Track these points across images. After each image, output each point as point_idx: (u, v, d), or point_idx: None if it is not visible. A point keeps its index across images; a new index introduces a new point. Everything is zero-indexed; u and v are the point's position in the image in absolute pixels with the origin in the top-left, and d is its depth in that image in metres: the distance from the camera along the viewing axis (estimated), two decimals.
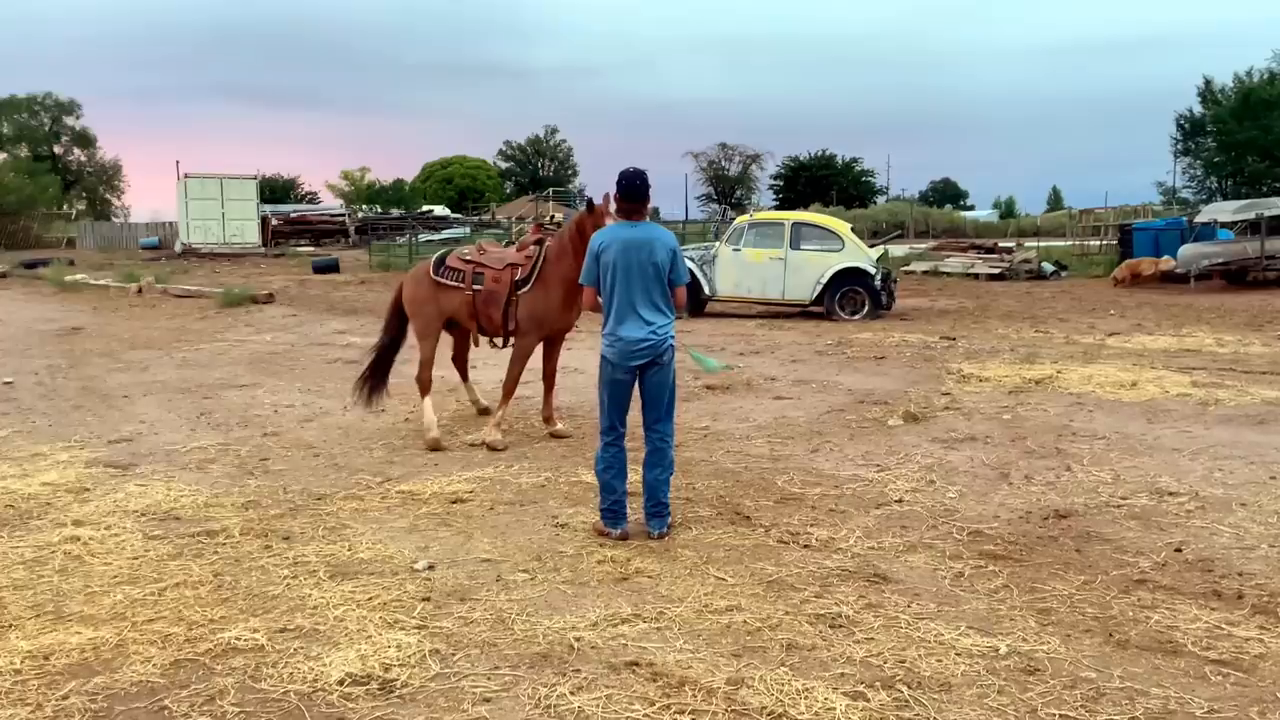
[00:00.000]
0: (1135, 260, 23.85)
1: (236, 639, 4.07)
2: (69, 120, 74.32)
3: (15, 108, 71.04)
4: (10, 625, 4.26)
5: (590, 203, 7.23)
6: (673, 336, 5.49)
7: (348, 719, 3.48)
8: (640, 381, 5.49)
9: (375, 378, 8.23)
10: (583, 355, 12.20)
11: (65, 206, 63.52)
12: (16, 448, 7.59)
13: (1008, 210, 78.93)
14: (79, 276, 26.52)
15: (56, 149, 73.42)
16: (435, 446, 7.48)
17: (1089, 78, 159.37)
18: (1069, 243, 35.62)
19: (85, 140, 75.44)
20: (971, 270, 27.18)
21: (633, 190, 5.53)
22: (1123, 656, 3.93)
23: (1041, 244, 35.19)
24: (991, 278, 26.19)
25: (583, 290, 5.76)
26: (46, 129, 73.73)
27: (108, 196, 77.01)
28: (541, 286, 7.65)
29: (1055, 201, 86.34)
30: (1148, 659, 3.90)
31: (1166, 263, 22.60)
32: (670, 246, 5.50)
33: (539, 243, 7.91)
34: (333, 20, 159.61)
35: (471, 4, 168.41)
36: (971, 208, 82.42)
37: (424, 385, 7.91)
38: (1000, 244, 32.20)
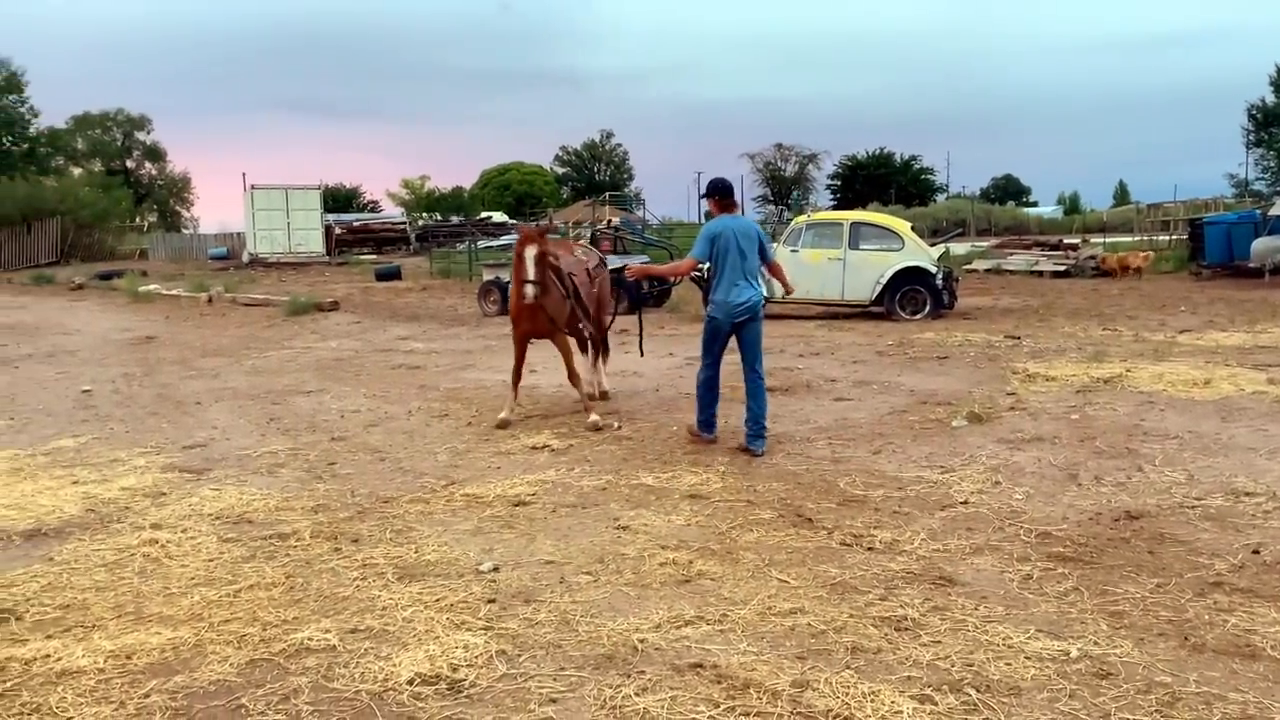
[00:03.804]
0: (1125, 254, 25.50)
1: (309, 639, 4.17)
2: (140, 135, 76.69)
3: (89, 124, 73.45)
4: (93, 626, 4.41)
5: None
6: (763, 299, 7.45)
7: (418, 718, 3.55)
8: (739, 335, 7.36)
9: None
10: (642, 359, 12.25)
11: (138, 219, 65.36)
12: (96, 454, 7.85)
13: (1072, 206, 77.38)
14: (152, 287, 27.29)
15: (129, 163, 75.74)
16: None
17: (1155, 69, 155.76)
18: (1137, 238, 34.79)
19: (156, 154, 77.75)
20: (1035, 268, 26.69)
21: (728, 191, 7.66)
22: (1199, 660, 3.84)
23: (1108, 240, 34.42)
24: (1056, 275, 25.69)
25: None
26: (119, 144, 76.13)
27: (178, 209, 79.28)
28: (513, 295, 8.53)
29: (1122, 196, 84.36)
30: (1225, 663, 3.81)
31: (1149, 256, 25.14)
32: (760, 233, 7.59)
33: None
34: (390, 32, 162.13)
35: (525, 12, 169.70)
36: (1035, 204, 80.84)
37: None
38: (1065, 240, 31.57)
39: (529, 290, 8.04)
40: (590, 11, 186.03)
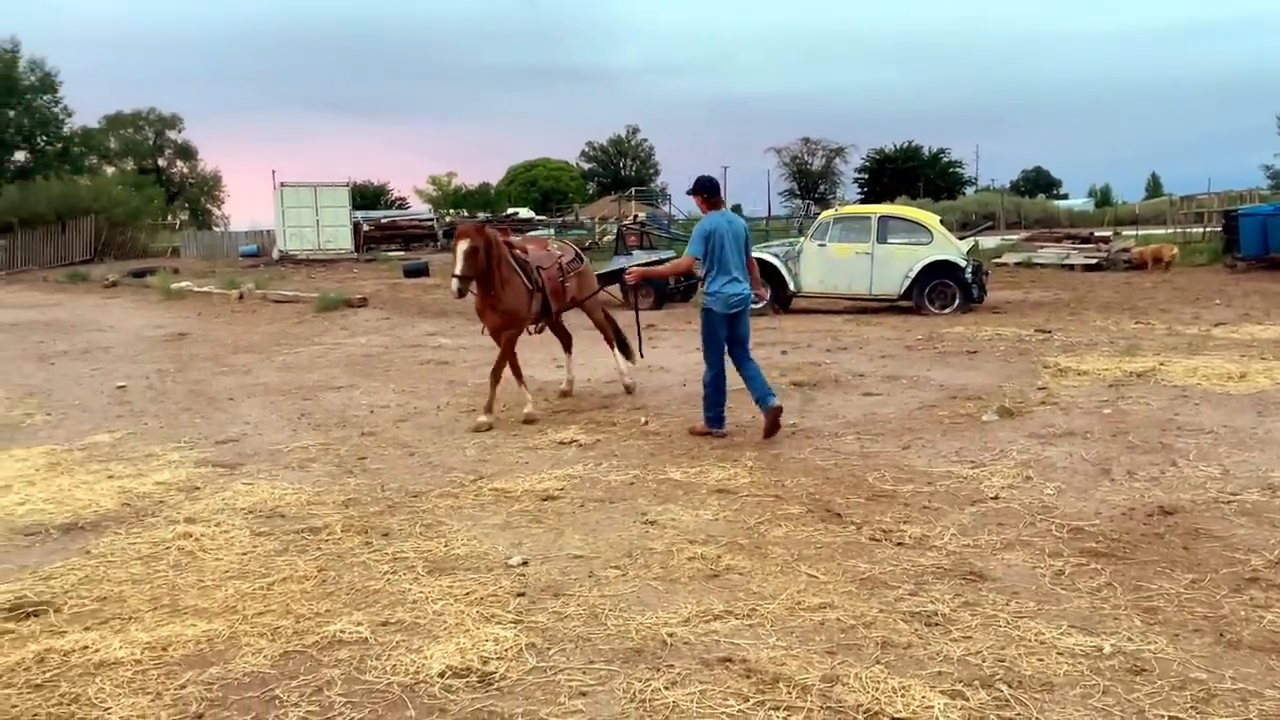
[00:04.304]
0: (1157, 246, 25.58)
1: (341, 632, 4.21)
2: (171, 134, 77.54)
3: (122, 123, 74.35)
4: (130, 618, 4.47)
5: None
6: (751, 294, 7.82)
7: (449, 710, 3.57)
8: (732, 327, 7.69)
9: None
10: (668, 354, 12.24)
11: (169, 217, 66.14)
12: (131, 448, 7.95)
13: (1103, 198, 76.53)
14: (184, 284, 27.59)
15: (160, 162, 76.59)
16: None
17: (1187, 59, 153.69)
18: (1170, 230, 34.33)
19: (187, 153, 78.59)
20: (1066, 261, 26.39)
21: (716, 188, 7.90)
22: (1235, 657, 3.79)
23: (1140, 232, 33.98)
24: (1088, 268, 25.39)
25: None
26: (151, 143, 77.00)
27: (209, 206, 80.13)
28: None
29: (1154, 188, 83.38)
30: (1261, 660, 3.76)
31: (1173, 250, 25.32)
32: (746, 230, 7.94)
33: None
34: (419, 29, 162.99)
35: (551, 8, 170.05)
36: (1065, 197, 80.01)
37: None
38: (1096, 233, 31.20)
39: (454, 284, 8.11)
40: (618, 7, 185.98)
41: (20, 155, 55.20)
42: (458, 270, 8.07)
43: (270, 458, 7.55)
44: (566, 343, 9.89)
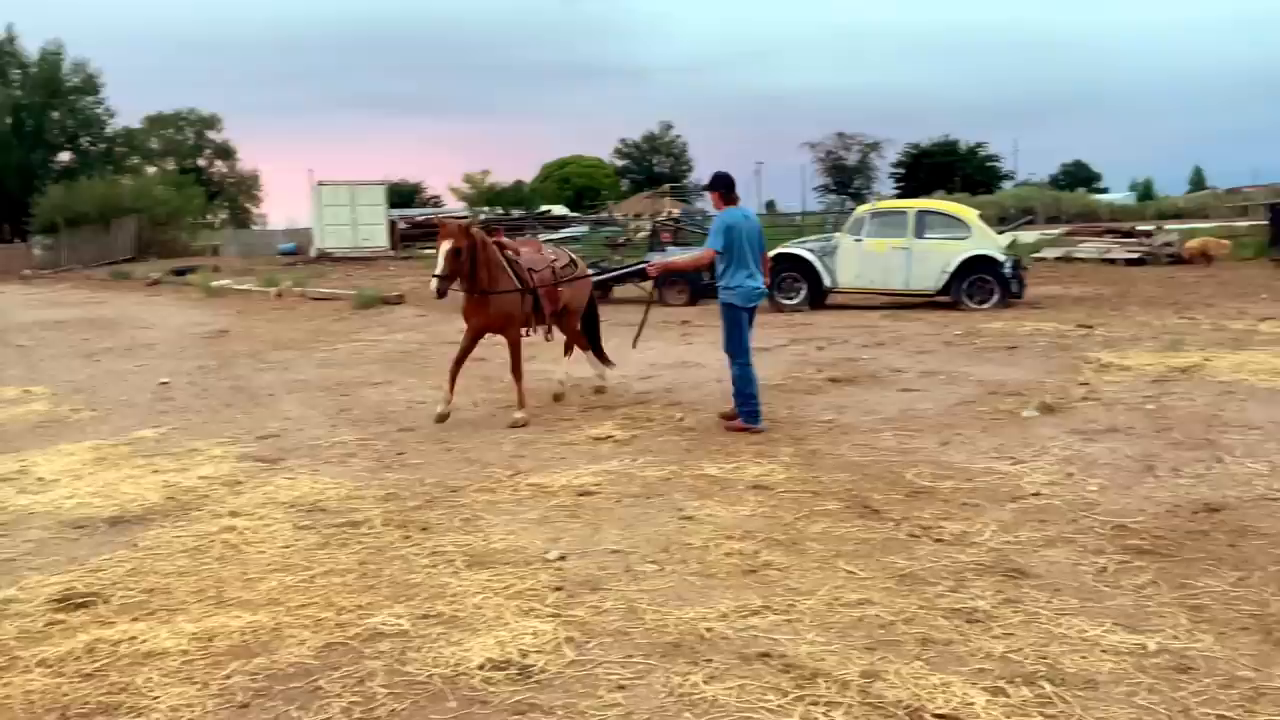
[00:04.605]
0: (1206, 239, 25.23)
1: (382, 624, 4.26)
2: (211, 134, 78.54)
3: (163, 124, 75.42)
4: (177, 609, 4.55)
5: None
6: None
7: (490, 702, 3.60)
8: (748, 318, 7.87)
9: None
10: (702, 350, 12.23)
11: (209, 216, 67.07)
12: (175, 444, 8.08)
13: (1145, 192, 75.23)
14: (224, 282, 27.98)
15: (200, 161, 77.60)
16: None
17: (1231, 49, 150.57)
18: (1214, 224, 33.74)
19: (226, 152, 79.55)
20: (1108, 255, 26.02)
21: (733, 184, 7.95)
22: None
23: (1184, 226, 33.42)
24: (1129, 263, 25.01)
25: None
26: (191, 143, 78.02)
27: (247, 205, 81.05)
28: None
29: (1197, 181, 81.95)
30: None
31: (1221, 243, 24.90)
32: (760, 227, 8.06)
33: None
34: (453, 28, 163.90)
35: (586, 5, 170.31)
36: (1106, 191, 78.91)
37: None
38: (1138, 227, 30.74)
39: (433, 284, 8.03)
40: (651, 3, 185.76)
41: (64, 156, 56.23)
42: (438, 270, 7.99)
43: (311, 453, 7.64)
44: (580, 345, 9.66)
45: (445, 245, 7.99)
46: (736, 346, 7.77)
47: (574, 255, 10.02)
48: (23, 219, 50.73)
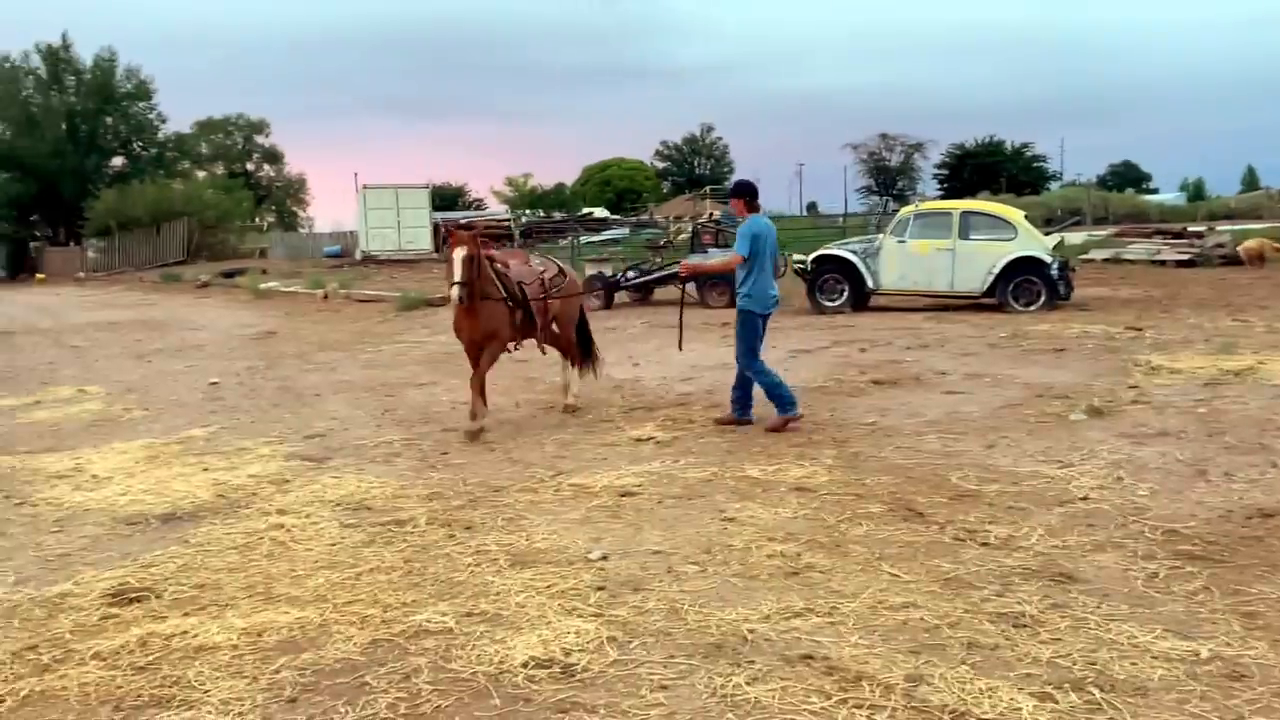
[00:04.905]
0: (1260, 241, 24.34)
1: (427, 621, 4.30)
2: (259, 138, 79.85)
3: (213, 129, 76.83)
4: (227, 605, 4.64)
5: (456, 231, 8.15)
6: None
7: (533, 700, 3.62)
8: (763, 324, 8.05)
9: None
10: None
11: (257, 219, 68.12)
12: (225, 443, 8.23)
13: (1196, 193, 73.71)
14: (271, 284, 28.42)
15: (249, 166, 78.90)
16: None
17: None
18: (1267, 225, 32.98)
19: (274, 157, 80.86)
20: (1157, 257, 25.52)
21: (756, 193, 8.16)
22: None
23: (1236, 227, 32.72)
24: (1180, 264, 24.50)
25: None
26: (240, 147, 79.42)
27: (294, 209, 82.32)
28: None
29: (1250, 181, 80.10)
30: None
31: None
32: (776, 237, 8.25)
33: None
34: (495, 31, 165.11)
35: (626, 7, 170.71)
36: (1155, 191, 77.43)
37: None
38: (1189, 228, 30.14)
39: (455, 292, 7.73)
40: (690, 3, 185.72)
41: (117, 160, 57.35)
42: (459, 278, 7.72)
43: (356, 452, 7.74)
44: (573, 357, 9.29)
45: (460, 253, 7.80)
46: (750, 351, 7.90)
47: (562, 264, 9.74)
48: (77, 223, 51.92)
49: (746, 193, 8.10)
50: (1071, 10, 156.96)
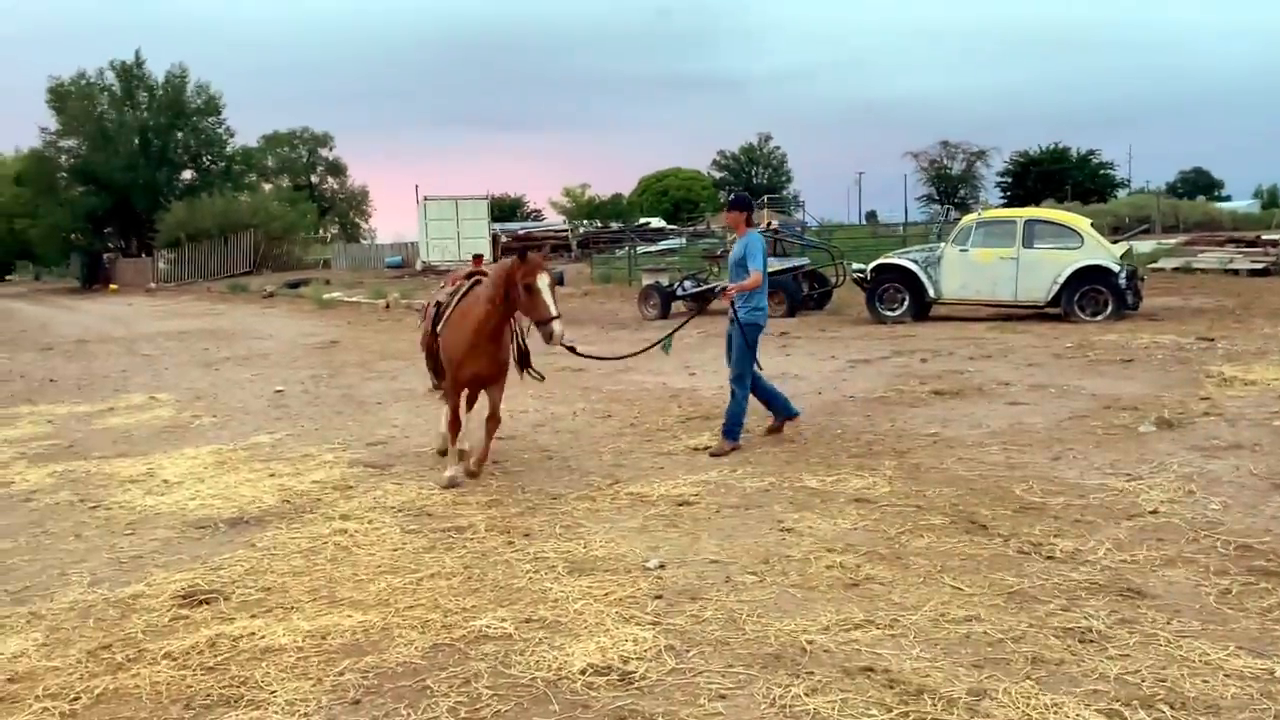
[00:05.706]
0: None
1: (487, 627, 4.35)
2: (323, 151, 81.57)
3: (279, 142, 78.74)
4: (292, 608, 4.73)
5: (524, 253, 6.63)
6: None
7: (591, 706, 3.64)
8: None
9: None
10: (802, 362, 12.13)
11: (321, 231, 69.55)
12: (290, 449, 8.40)
13: (1271, 200, 71.63)
14: (334, 294, 28.96)
15: (313, 178, 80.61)
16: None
17: None
18: None
19: (337, 169, 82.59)
20: (1230, 266, 24.84)
21: (753, 207, 8.36)
22: None
23: None
24: (1254, 273, 23.84)
25: None
26: (304, 160, 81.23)
27: (357, 220, 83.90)
28: (450, 328, 7.05)
29: None
30: None
31: None
32: None
33: (471, 278, 7.28)
34: (551, 42, 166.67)
35: (684, 17, 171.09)
36: (1228, 198, 75.25)
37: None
38: (1263, 236, 29.27)
39: (557, 328, 6.42)
40: (748, 12, 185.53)
41: (187, 174, 59.01)
42: (555, 311, 6.45)
43: (417, 459, 7.84)
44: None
45: (546, 279, 6.55)
46: (749, 366, 7.75)
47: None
48: (148, 234, 53.50)
49: (749, 207, 8.07)
50: (1140, 10, 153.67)
